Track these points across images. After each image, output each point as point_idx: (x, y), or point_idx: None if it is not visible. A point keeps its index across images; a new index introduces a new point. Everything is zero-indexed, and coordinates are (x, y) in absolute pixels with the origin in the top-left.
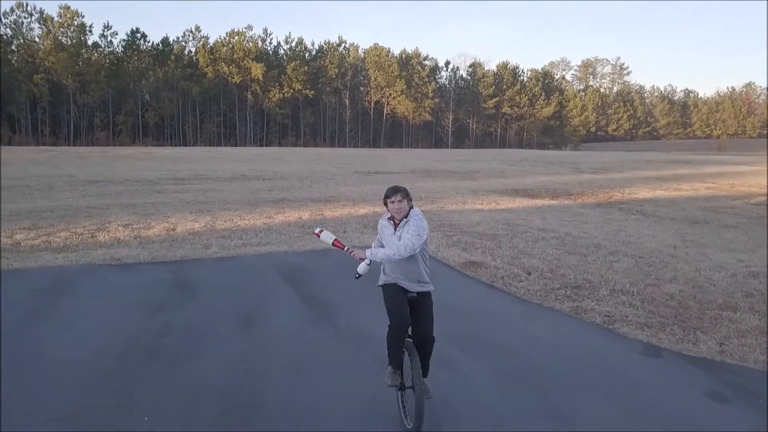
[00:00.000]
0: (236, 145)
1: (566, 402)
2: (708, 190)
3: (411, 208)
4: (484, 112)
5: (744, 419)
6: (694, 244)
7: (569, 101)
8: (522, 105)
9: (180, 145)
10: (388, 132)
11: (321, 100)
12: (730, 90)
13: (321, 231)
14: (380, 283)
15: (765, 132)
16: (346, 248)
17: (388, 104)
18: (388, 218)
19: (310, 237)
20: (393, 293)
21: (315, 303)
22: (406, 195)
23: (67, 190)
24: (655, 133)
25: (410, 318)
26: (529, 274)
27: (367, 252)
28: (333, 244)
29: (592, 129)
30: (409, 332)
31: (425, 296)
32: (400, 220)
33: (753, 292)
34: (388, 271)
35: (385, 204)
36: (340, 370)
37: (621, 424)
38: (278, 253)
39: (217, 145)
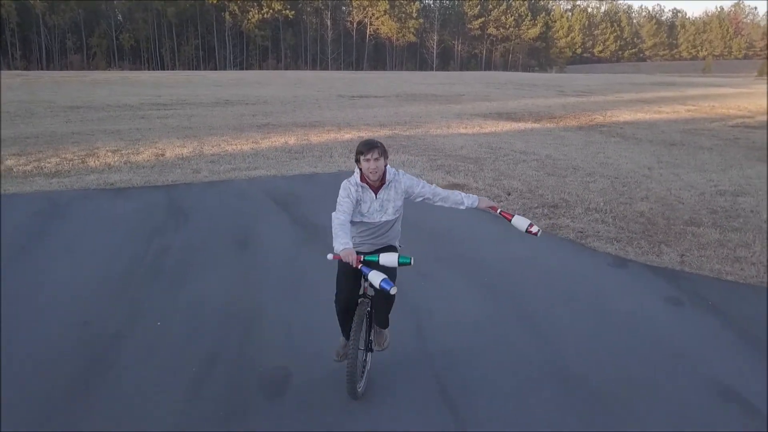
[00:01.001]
0: (216, 69)
1: (537, 308)
2: (688, 112)
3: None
4: (469, 33)
5: (696, 321)
6: (669, 165)
7: (555, 22)
8: (508, 26)
9: (158, 69)
10: (371, 54)
11: (302, 21)
12: (719, 10)
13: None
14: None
15: (750, 53)
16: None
17: (371, 25)
18: (359, 181)
19: (297, 161)
20: (344, 269)
21: (305, 225)
22: (383, 152)
23: (49, 116)
24: (642, 55)
25: (364, 285)
26: (509, 194)
27: (476, 201)
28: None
29: (578, 51)
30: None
31: (388, 249)
32: (378, 184)
33: (718, 209)
34: (353, 235)
35: (357, 161)
36: (331, 284)
37: (585, 326)
38: (267, 177)
39: (196, 69)
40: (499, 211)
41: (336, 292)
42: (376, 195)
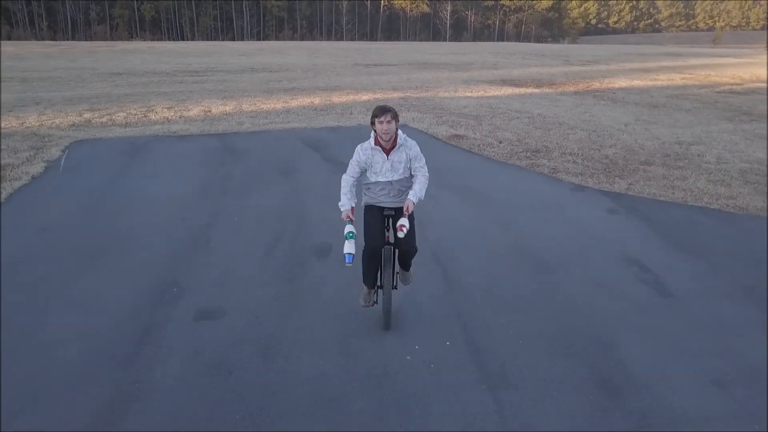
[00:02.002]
0: (233, 39)
1: (511, 218)
2: (682, 80)
3: (397, 130)
4: (482, 3)
5: (625, 223)
6: (644, 122)
7: None
8: None
9: (178, 40)
10: (385, 25)
11: None
12: None
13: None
14: (363, 203)
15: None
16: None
17: None
18: (374, 144)
19: (325, 115)
20: (370, 215)
21: (333, 161)
22: (395, 116)
23: (97, 81)
24: (657, 26)
25: (390, 236)
26: (500, 142)
27: (411, 198)
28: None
29: (593, 21)
30: (392, 240)
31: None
32: (390, 146)
33: (671, 154)
34: (371, 191)
35: (372, 124)
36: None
37: (545, 224)
38: (299, 128)
39: (214, 39)
40: (407, 214)
41: (365, 243)
42: (387, 156)
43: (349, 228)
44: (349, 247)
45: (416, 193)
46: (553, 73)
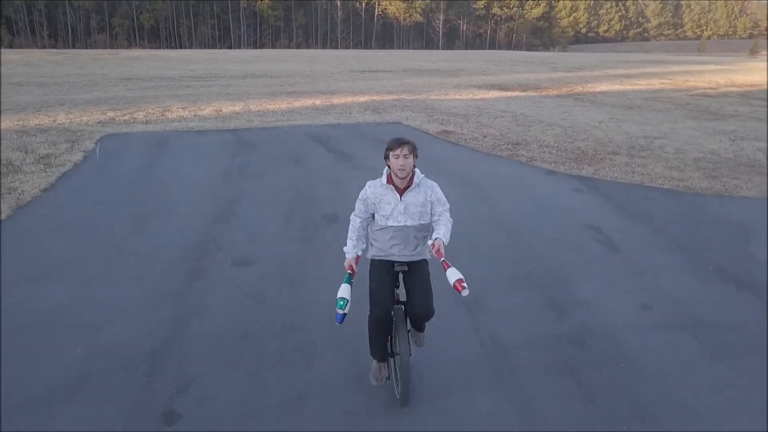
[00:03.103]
0: (231, 48)
1: (491, 195)
2: (661, 84)
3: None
4: (474, 13)
5: (586, 198)
6: (617, 120)
7: (559, 1)
8: (512, 5)
9: (176, 48)
10: (379, 34)
11: (312, 1)
12: None
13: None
14: (369, 255)
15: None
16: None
17: (378, 5)
18: (386, 182)
19: (326, 114)
20: (376, 273)
21: (336, 152)
22: (413, 150)
23: (110, 85)
24: (646, 35)
25: (400, 294)
26: (485, 137)
27: (440, 236)
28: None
29: (582, 30)
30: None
31: (418, 266)
32: (405, 185)
33: (636, 146)
34: (378, 241)
35: (386, 158)
36: (359, 183)
37: (519, 200)
38: (304, 125)
39: (212, 48)
40: (442, 259)
41: (370, 308)
42: (401, 197)
43: (345, 287)
44: (344, 291)
45: (442, 231)
46: (539, 78)
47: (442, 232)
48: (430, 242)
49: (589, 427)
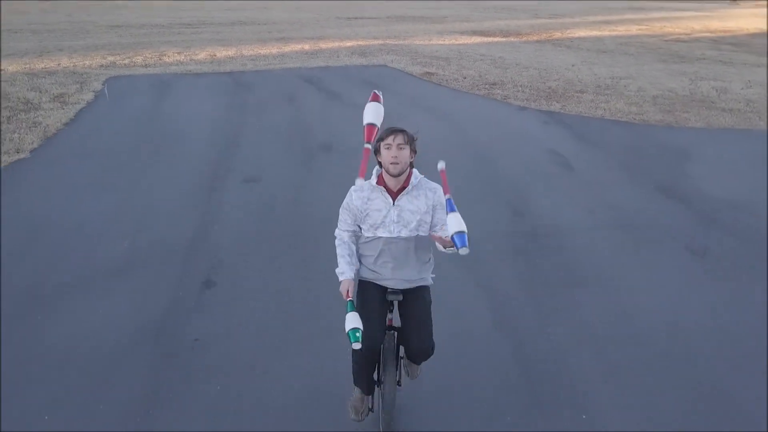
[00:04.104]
0: None
1: (466, 127)
2: (638, 30)
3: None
4: None
5: (553, 129)
6: (589, 64)
7: None
8: None
9: None
10: None
11: None
12: None
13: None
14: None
15: None
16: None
17: None
18: (375, 182)
19: (315, 58)
20: (364, 299)
21: (327, 92)
22: (410, 141)
23: (102, 32)
24: None
25: (393, 319)
26: (465, 78)
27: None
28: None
29: None
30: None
31: (419, 293)
32: (399, 187)
33: (602, 85)
34: (366, 257)
35: (376, 152)
36: (348, 117)
37: (491, 132)
38: (295, 68)
39: None
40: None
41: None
42: (394, 201)
43: (352, 316)
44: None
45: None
46: (520, 25)
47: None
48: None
49: (532, 288)
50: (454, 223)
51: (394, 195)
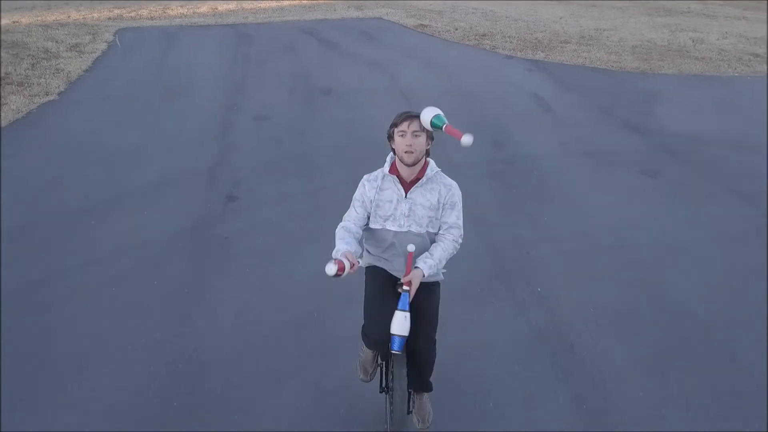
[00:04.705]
0: None
1: (455, 73)
2: None
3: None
4: None
5: (536, 76)
6: (576, 16)
7: None
8: None
9: None
10: None
11: None
12: None
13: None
14: (363, 263)
15: None
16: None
17: None
18: (388, 171)
19: (313, 11)
20: (375, 287)
21: (325, 42)
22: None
23: None
24: None
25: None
26: (456, 29)
27: (421, 266)
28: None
29: None
30: None
31: (426, 290)
32: (413, 178)
33: (586, 36)
34: (374, 247)
35: (390, 139)
36: (346, 64)
37: (479, 79)
38: (294, 20)
39: None
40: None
41: (364, 324)
42: (406, 194)
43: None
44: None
45: (432, 261)
46: None
47: (434, 255)
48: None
49: (506, 201)
50: (397, 323)
51: (407, 186)
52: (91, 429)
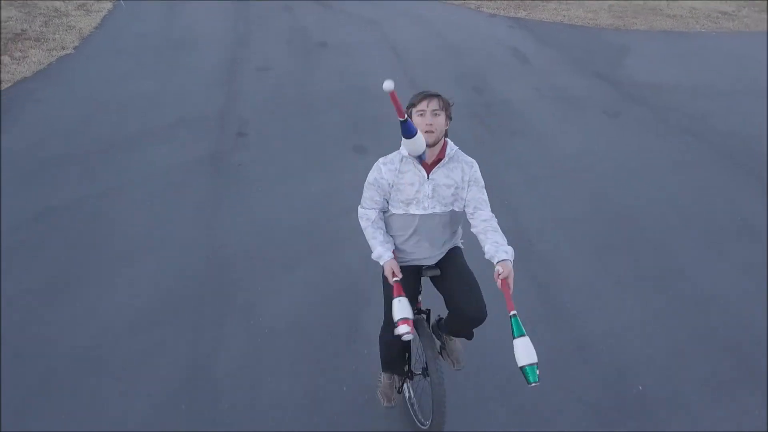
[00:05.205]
0: None
1: (443, 31)
2: None
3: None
4: None
5: (517, 33)
6: None
7: None
8: None
9: None
10: None
11: None
12: None
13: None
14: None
15: None
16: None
17: None
18: (405, 154)
19: None
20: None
21: (320, 2)
22: (445, 107)
23: None
24: None
25: (422, 302)
26: None
27: (507, 257)
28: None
29: None
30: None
31: (452, 259)
32: (434, 159)
33: None
34: (398, 239)
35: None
36: (340, 21)
37: (463, 35)
38: None
39: None
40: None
41: (385, 323)
42: (428, 175)
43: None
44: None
45: (503, 243)
46: None
47: (505, 250)
48: (495, 271)
49: (481, 136)
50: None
51: (428, 168)
52: (145, 300)
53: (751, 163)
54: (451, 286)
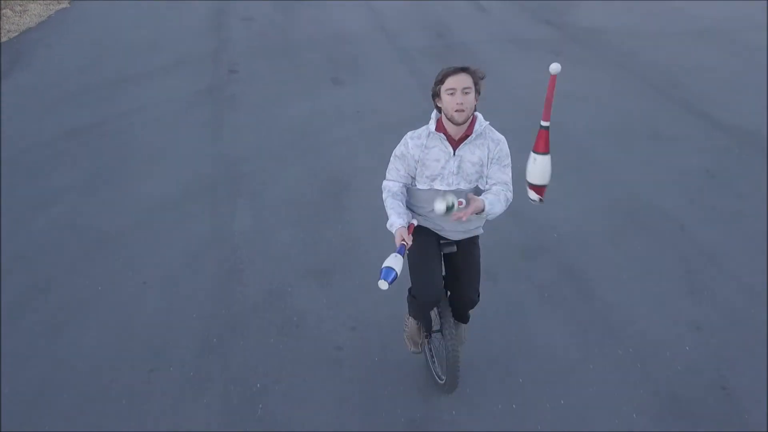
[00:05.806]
0: None
1: (445, 18)
2: None
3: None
4: None
5: (505, 8)
6: None
7: None
8: None
9: None
10: None
11: None
12: None
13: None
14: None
15: None
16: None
17: None
18: (434, 129)
19: None
20: (419, 248)
21: None
22: (477, 80)
23: None
24: None
25: (444, 281)
26: None
27: (484, 199)
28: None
29: None
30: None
31: (470, 244)
32: (462, 135)
33: None
34: (423, 210)
35: (435, 96)
36: None
37: (465, 13)
38: None
39: None
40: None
41: (415, 290)
42: (454, 151)
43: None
44: (395, 262)
45: (490, 201)
46: None
47: (490, 198)
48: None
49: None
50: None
51: (455, 144)
52: (169, 190)
53: (670, 90)
54: (460, 268)
